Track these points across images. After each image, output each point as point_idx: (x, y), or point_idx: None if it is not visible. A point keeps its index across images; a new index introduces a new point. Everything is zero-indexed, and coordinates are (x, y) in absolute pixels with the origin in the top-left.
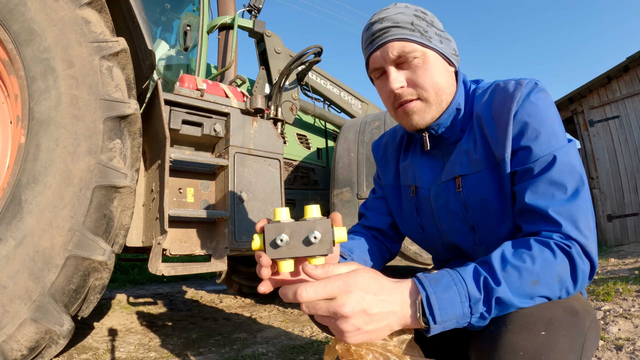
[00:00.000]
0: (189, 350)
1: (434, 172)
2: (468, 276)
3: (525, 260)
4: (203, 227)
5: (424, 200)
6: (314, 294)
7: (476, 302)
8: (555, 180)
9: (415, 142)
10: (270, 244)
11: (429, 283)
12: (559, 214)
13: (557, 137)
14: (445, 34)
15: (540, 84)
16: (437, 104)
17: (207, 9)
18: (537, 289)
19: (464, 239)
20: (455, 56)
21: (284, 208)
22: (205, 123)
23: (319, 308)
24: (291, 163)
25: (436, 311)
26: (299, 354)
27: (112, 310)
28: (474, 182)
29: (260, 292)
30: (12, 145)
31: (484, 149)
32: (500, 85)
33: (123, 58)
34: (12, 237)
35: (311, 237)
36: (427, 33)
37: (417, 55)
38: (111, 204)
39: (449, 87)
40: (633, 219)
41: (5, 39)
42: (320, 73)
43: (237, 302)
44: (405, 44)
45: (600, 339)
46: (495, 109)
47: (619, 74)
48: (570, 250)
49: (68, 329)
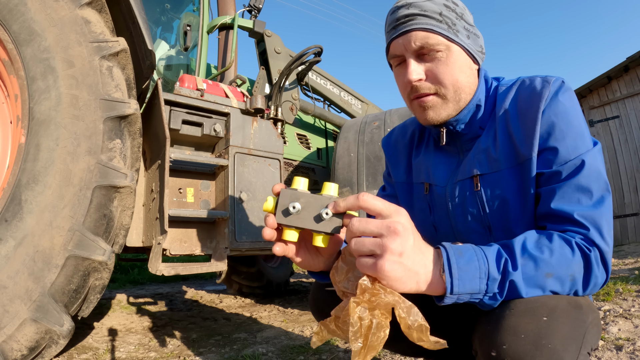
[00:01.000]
0: (189, 350)
1: (448, 169)
2: (491, 255)
3: (544, 252)
4: (203, 227)
5: (438, 199)
6: (373, 204)
7: (493, 281)
8: (582, 185)
9: (429, 138)
10: (282, 210)
11: (453, 253)
12: (585, 219)
13: (583, 139)
14: (474, 29)
15: (567, 83)
16: (454, 102)
17: (207, 9)
18: (549, 282)
19: (479, 240)
20: (481, 54)
21: (304, 179)
22: (205, 123)
23: (371, 225)
24: (291, 163)
25: (455, 281)
26: (299, 354)
27: (112, 310)
28: (493, 181)
29: (275, 253)
30: (12, 145)
31: (506, 148)
32: (526, 83)
33: (123, 58)
34: (12, 237)
35: (323, 213)
36: (455, 26)
37: (440, 48)
38: (111, 204)
39: (469, 85)
40: (633, 219)
41: (5, 39)
42: (320, 73)
43: (237, 302)
44: (430, 35)
45: (601, 339)
46: (521, 106)
47: (619, 74)
48: (590, 254)
49: (68, 329)
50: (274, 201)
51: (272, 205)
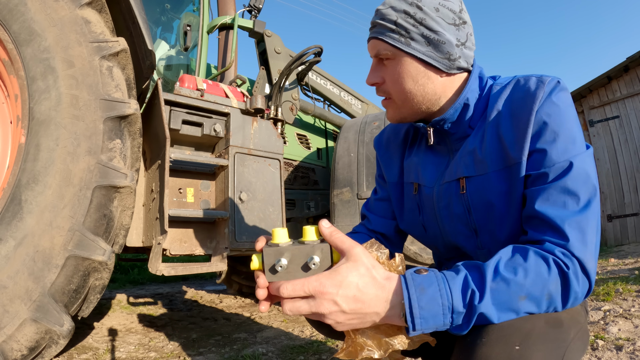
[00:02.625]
0: (189, 350)
1: (437, 170)
2: (456, 288)
3: (518, 273)
4: (203, 227)
5: (426, 200)
6: (293, 290)
7: (458, 314)
8: (568, 188)
9: (421, 137)
10: (269, 269)
11: (415, 289)
12: (569, 226)
13: (575, 142)
14: (440, 35)
15: (563, 83)
16: (407, 108)
17: (207, 9)
18: (523, 305)
19: (465, 242)
20: (447, 60)
21: (283, 229)
22: (205, 123)
23: (301, 309)
24: (291, 163)
25: (417, 320)
26: (299, 354)
27: (112, 310)
28: (479, 184)
29: (261, 311)
30: (12, 145)
31: (494, 149)
32: (521, 82)
33: (123, 58)
34: (12, 237)
35: (310, 263)
36: (409, 34)
37: (389, 57)
38: (111, 204)
39: (423, 94)
40: (633, 219)
41: (5, 39)
42: (320, 73)
43: (237, 302)
44: (380, 43)
45: (601, 339)
46: (514, 107)
47: (619, 74)
48: (568, 270)
49: (68, 329)
50: (258, 260)
51: (259, 263)
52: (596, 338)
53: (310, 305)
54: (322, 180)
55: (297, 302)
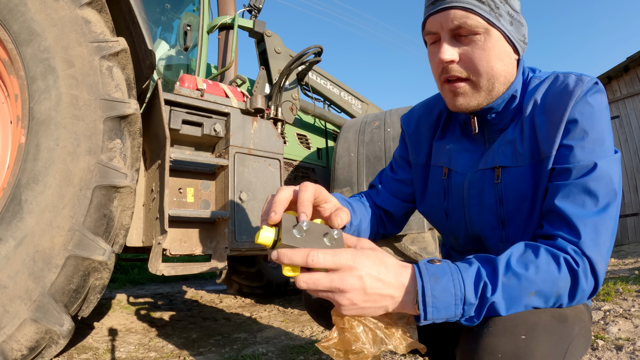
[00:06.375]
0: (189, 350)
1: (472, 157)
2: (469, 279)
3: (529, 269)
4: (203, 227)
5: (455, 186)
6: (324, 260)
7: (470, 306)
8: (589, 189)
9: (455, 122)
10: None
11: (429, 278)
12: (584, 225)
13: (603, 144)
14: (519, 16)
15: (600, 85)
16: (486, 91)
17: (207, 9)
18: (532, 300)
19: (490, 233)
20: (523, 43)
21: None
22: (205, 123)
23: (319, 282)
24: (291, 163)
25: (429, 308)
26: (299, 354)
27: (112, 310)
28: (514, 175)
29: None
30: (12, 145)
31: (530, 143)
32: (559, 79)
33: (123, 58)
34: (12, 237)
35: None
36: (498, 9)
37: (479, 31)
38: (111, 204)
39: (505, 74)
40: (633, 219)
41: (5, 38)
42: (320, 73)
43: (237, 302)
44: (470, 15)
45: (601, 339)
46: (550, 102)
47: (619, 74)
48: (578, 268)
49: (68, 329)
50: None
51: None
52: (596, 338)
53: (332, 278)
54: (322, 180)
55: (316, 274)
